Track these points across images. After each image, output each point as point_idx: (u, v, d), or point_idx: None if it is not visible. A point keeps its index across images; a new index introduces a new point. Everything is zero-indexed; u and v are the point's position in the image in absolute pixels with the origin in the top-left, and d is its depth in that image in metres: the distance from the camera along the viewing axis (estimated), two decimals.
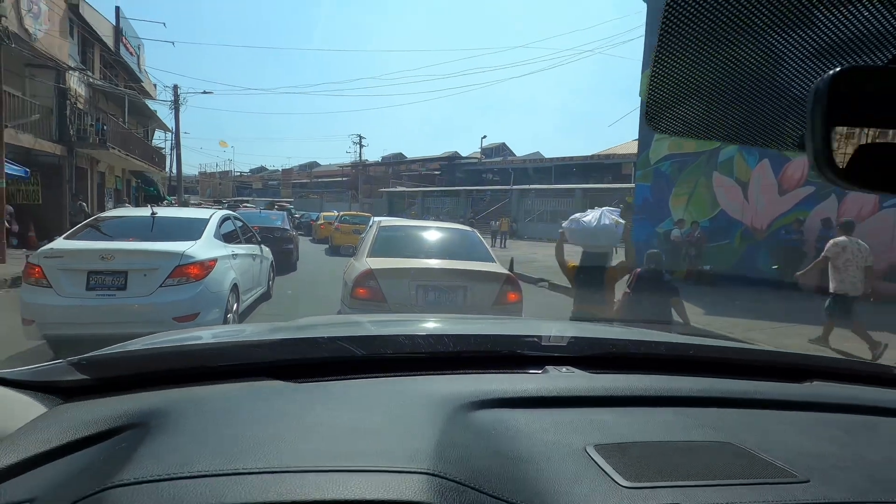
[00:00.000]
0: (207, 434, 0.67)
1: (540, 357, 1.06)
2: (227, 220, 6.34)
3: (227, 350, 1.09)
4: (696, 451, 0.71)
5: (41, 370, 0.88)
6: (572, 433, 0.73)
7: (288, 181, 67.18)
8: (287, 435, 0.68)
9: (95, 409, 0.77)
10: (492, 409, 0.79)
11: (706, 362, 1.11)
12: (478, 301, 4.37)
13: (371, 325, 1.59)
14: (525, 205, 31.44)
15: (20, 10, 12.46)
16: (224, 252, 5.48)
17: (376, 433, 0.69)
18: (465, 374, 0.96)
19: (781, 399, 0.91)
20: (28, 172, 12.77)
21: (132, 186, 24.87)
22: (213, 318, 4.90)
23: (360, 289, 4.31)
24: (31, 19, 13.03)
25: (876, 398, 0.99)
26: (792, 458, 0.69)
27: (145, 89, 23.48)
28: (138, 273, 4.58)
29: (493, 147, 47.43)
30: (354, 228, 15.76)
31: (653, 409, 0.84)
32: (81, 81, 17.06)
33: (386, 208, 37.83)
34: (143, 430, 0.69)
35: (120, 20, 19.52)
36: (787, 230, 10.68)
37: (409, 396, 0.82)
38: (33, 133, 13.46)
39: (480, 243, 5.38)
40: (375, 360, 1.01)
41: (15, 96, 12.76)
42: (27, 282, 4.57)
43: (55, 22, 14.61)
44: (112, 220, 5.74)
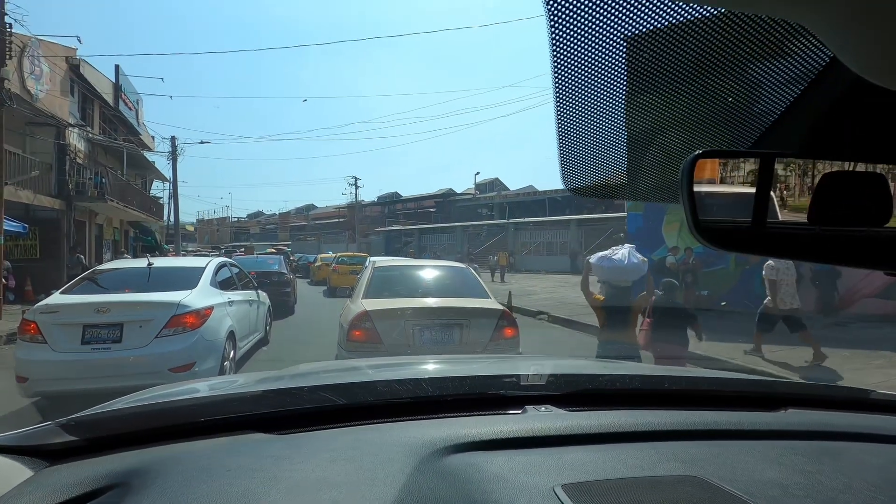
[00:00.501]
0: (182, 493, 0.69)
1: (520, 397, 1.08)
2: (224, 268, 6.38)
3: (208, 405, 1.11)
4: (661, 485, 0.73)
5: (29, 434, 0.90)
6: (542, 474, 0.75)
7: (285, 224, 67.72)
8: (256, 490, 0.69)
9: (79, 471, 0.78)
10: (467, 453, 0.81)
11: (680, 395, 1.13)
12: (474, 338, 4.36)
13: (359, 371, 1.60)
14: (521, 238, 31.66)
15: (23, 73, 12.90)
16: (220, 300, 5.49)
17: (344, 484, 0.71)
18: (445, 418, 0.97)
19: (752, 429, 0.93)
20: (26, 228, 12.89)
21: (130, 237, 25.02)
22: (210, 367, 4.86)
23: (356, 331, 4.30)
24: (32, 81, 13.47)
25: (851, 423, 1.01)
26: (755, 488, 0.71)
27: (143, 142, 24.01)
28: (134, 325, 4.57)
29: (487, 182, 48.17)
30: (352, 269, 15.78)
31: (624, 444, 0.86)
32: (81, 137, 17.46)
33: (383, 248, 38.04)
34: (125, 489, 0.71)
35: (119, 77, 20.16)
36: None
37: (384, 445, 0.84)
38: (32, 189, 13.66)
39: (475, 280, 5.42)
40: (356, 408, 1.03)
41: (15, 154, 13.03)
42: (22, 338, 4.56)
43: (56, 82, 15.09)
44: (109, 273, 5.77)
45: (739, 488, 0.71)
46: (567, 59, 0.59)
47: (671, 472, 0.77)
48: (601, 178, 0.78)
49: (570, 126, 0.68)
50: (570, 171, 0.75)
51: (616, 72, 0.62)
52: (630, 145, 0.73)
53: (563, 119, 0.67)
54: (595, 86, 0.63)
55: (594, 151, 0.73)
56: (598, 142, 0.71)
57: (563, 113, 0.66)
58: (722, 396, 1.13)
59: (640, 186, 0.83)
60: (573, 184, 0.78)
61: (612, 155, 0.74)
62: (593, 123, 0.68)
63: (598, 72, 0.61)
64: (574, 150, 0.72)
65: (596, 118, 0.68)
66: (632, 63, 0.62)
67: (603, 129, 0.69)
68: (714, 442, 0.88)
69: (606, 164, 0.75)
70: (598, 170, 0.76)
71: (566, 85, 0.62)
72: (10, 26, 10.82)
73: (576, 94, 0.64)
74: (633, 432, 0.90)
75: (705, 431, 0.91)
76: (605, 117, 0.68)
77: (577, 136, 0.70)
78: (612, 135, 0.70)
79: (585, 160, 0.74)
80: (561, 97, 0.64)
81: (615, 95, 0.65)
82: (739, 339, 7.85)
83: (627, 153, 0.74)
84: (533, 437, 0.86)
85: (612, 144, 0.72)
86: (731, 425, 0.93)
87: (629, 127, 0.70)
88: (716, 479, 0.73)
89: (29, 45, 13.12)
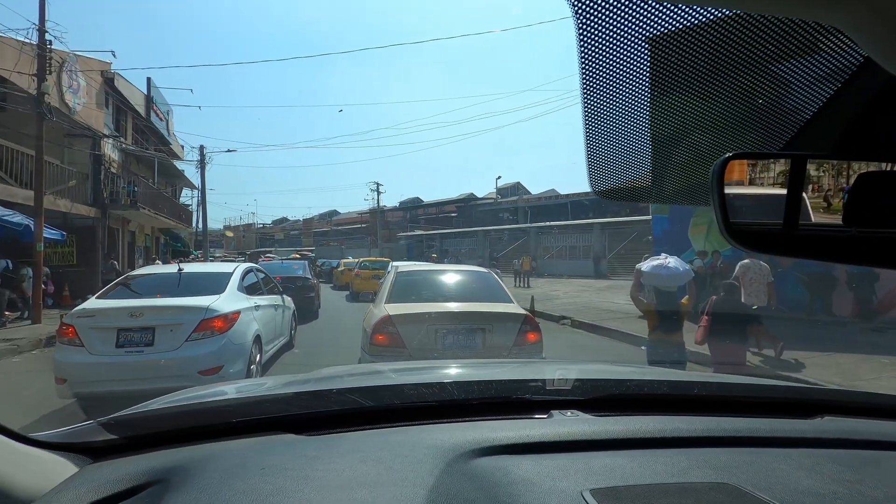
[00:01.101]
0: (219, 489, 0.72)
1: (546, 401, 1.08)
2: (250, 273, 6.52)
3: (241, 406, 1.14)
4: (691, 492, 0.71)
5: (73, 432, 0.94)
6: (571, 478, 0.74)
7: (309, 230, 68.72)
8: (290, 487, 0.71)
9: (121, 468, 0.82)
10: (494, 457, 0.81)
11: (711, 401, 1.11)
12: (497, 342, 4.34)
13: (385, 374, 1.62)
14: (543, 242, 31.40)
15: (61, 87, 13.48)
16: (247, 304, 5.61)
17: (374, 484, 0.72)
18: (471, 422, 0.98)
19: (787, 436, 0.91)
20: (64, 235, 13.41)
21: (161, 243, 25.77)
22: (237, 370, 4.97)
23: (379, 335, 4.32)
24: (70, 95, 14.06)
25: (889, 432, 0.97)
26: (791, 497, 0.69)
27: (174, 151, 24.76)
28: (165, 328, 4.71)
29: (509, 186, 47.98)
30: (374, 274, 15.87)
31: (654, 450, 0.85)
32: (115, 147, 18.12)
33: (405, 252, 38.21)
34: (165, 486, 0.74)
35: (151, 89, 20.87)
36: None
37: (413, 447, 0.85)
38: (70, 198, 14.23)
39: (497, 284, 5.39)
40: (383, 410, 1.04)
41: (54, 165, 13.61)
42: (60, 341, 4.74)
43: (92, 95, 15.72)
44: (141, 278, 5.97)
45: (775, 497, 0.69)
46: (594, 61, 0.59)
47: (703, 479, 0.76)
48: (628, 180, 0.78)
49: (598, 129, 0.68)
50: (597, 174, 0.75)
51: (642, 73, 0.62)
52: (657, 147, 0.73)
53: (590, 122, 0.67)
54: (622, 88, 0.63)
55: (622, 154, 0.73)
56: (626, 144, 0.71)
57: (591, 116, 0.67)
58: (754, 403, 1.10)
59: (667, 189, 0.82)
60: (600, 187, 0.78)
61: (639, 157, 0.73)
62: (620, 126, 0.68)
63: (624, 73, 0.61)
64: (601, 153, 0.72)
65: (623, 120, 0.68)
66: (657, 64, 0.62)
67: (630, 131, 0.69)
68: (747, 449, 0.86)
69: (634, 167, 0.75)
70: (625, 173, 0.76)
71: (593, 87, 0.62)
72: (51, 43, 11.33)
73: (603, 97, 0.64)
74: (662, 438, 0.88)
75: (737, 438, 0.89)
76: (632, 119, 0.67)
77: (605, 138, 0.70)
78: (639, 137, 0.70)
79: (613, 163, 0.74)
80: (588, 100, 0.64)
81: (641, 97, 0.65)
82: (769, 344, 7.60)
83: (655, 155, 0.74)
84: (560, 442, 0.86)
85: (640, 147, 0.72)
86: (764, 432, 0.91)
87: (656, 129, 0.70)
88: (749, 486, 0.72)
89: (67, 61, 13.71)
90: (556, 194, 41.70)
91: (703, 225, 12.35)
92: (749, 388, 1.27)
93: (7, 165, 12.11)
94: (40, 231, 11.01)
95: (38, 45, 11.08)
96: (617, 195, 0.81)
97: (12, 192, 11.56)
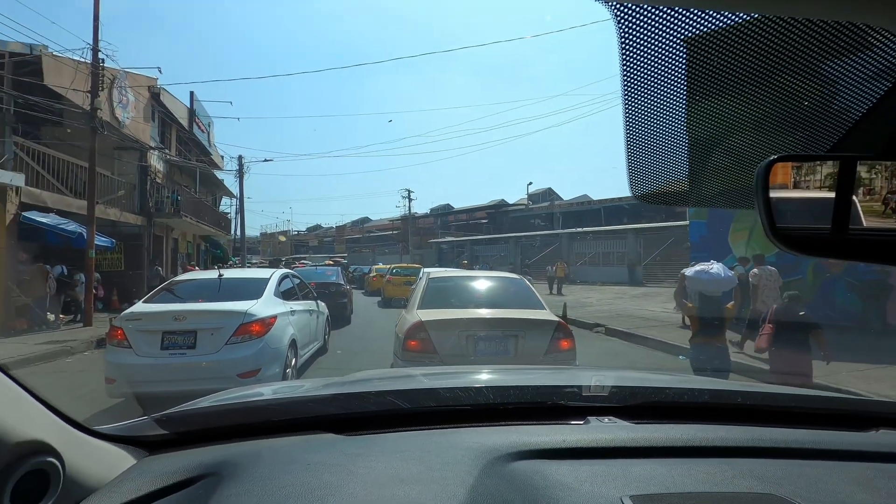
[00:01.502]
0: (269, 482, 0.75)
1: (582, 407, 1.07)
2: (286, 278, 6.70)
3: (284, 405, 1.18)
4: (737, 501, 0.70)
5: (130, 426, 1.00)
6: (610, 484, 0.74)
7: (341, 237, 69.94)
8: (336, 482, 0.74)
9: (175, 461, 0.87)
10: (531, 461, 0.81)
11: (755, 411, 1.07)
12: (530, 349, 4.30)
13: (418, 378, 1.64)
14: (576, 248, 30.92)
15: (112, 103, 14.26)
16: (283, 309, 5.76)
17: (416, 482, 0.74)
18: (507, 426, 0.98)
19: (838, 449, 0.87)
20: (113, 242, 14.13)
21: (201, 250, 26.77)
22: (273, 374, 5.10)
23: (412, 341, 4.35)
24: (120, 109, 14.86)
25: None
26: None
27: (214, 161, 25.74)
28: (206, 332, 4.89)
29: (540, 192, 47.57)
30: (406, 280, 16.00)
31: (695, 459, 0.83)
32: (160, 159, 19.00)
33: (435, 259, 38.36)
34: (217, 478, 0.78)
35: (193, 102, 21.82)
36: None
37: (451, 448, 0.86)
38: (119, 207, 15.00)
39: (530, 291, 5.35)
40: (420, 412, 1.06)
41: (105, 176, 14.38)
42: (110, 343, 4.99)
43: (140, 110, 16.57)
44: (184, 283, 6.22)
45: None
46: (634, 65, 0.59)
47: (748, 489, 0.74)
48: (669, 184, 0.77)
49: (638, 132, 0.68)
50: (637, 177, 0.75)
51: (682, 75, 0.62)
52: (699, 150, 0.72)
53: (631, 125, 0.67)
54: (662, 90, 0.63)
55: (662, 157, 0.72)
56: (667, 147, 0.71)
57: (632, 119, 0.67)
58: (803, 413, 1.06)
59: (708, 192, 0.81)
60: (640, 190, 0.77)
61: (680, 161, 0.73)
62: (661, 129, 0.68)
63: (664, 76, 0.61)
64: (641, 156, 0.72)
65: (664, 123, 0.67)
66: (697, 66, 0.62)
67: (671, 134, 0.69)
68: (795, 461, 0.83)
69: (675, 171, 0.74)
70: (666, 176, 0.75)
71: (634, 90, 0.62)
72: (103, 61, 12.01)
73: (643, 100, 0.64)
74: (703, 447, 0.86)
75: (785, 450, 0.86)
76: (672, 122, 0.67)
77: (645, 142, 0.70)
78: (680, 140, 0.70)
79: (653, 167, 0.74)
80: (629, 103, 0.64)
81: (681, 100, 0.64)
82: None
83: (696, 158, 0.73)
84: (597, 448, 0.85)
85: (681, 150, 0.71)
86: (814, 444, 0.88)
87: (697, 131, 0.69)
88: (799, 499, 0.69)
89: (117, 77, 14.50)
90: (588, 200, 41.07)
91: (745, 230, 11.90)
92: (797, 398, 1.22)
93: (63, 177, 12.88)
94: (92, 238, 11.64)
95: (92, 64, 11.77)
96: (657, 199, 0.80)
97: (68, 202, 12.28)
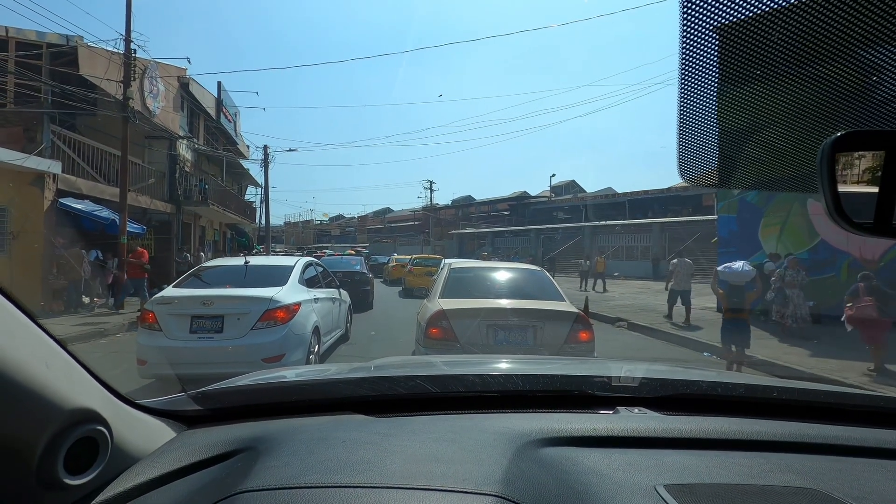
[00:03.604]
0: (308, 456, 0.77)
1: (611, 397, 1.06)
2: (310, 267, 6.80)
3: (317, 386, 1.21)
4: (776, 495, 0.68)
5: (169, 401, 1.04)
6: (642, 473, 0.73)
7: (363, 227, 70.55)
8: (373, 458, 0.76)
9: (213, 435, 0.90)
10: (562, 447, 0.81)
11: (791, 406, 1.04)
12: (548, 340, 4.32)
13: (444, 365, 1.65)
14: (599, 241, 30.50)
15: (143, 93, 14.61)
16: (307, 296, 5.85)
17: (451, 461, 0.75)
18: (536, 413, 0.98)
19: (882, 447, 0.84)
20: (144, 229, 14.56)
21: (227, 238, 27.36)
22: (297, 359, 5.20)
23: (433, 329, 4.40)
24: (151, 99, 15.21)
25: None
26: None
27: (240, 151, 26.19)
28: (233, 317, 5.01)
29: (563, 185, 47.01)
30: (427, 271, 16.03)
31: (728, 452, 0.82)
32: (189, 148, 19.43)
33: (456, 250, 38.36)
34: (255, 452, 0.80)
35: (221, 92, 22.18)
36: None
37: (482, 431, 0.87)
38: (149, 195, 15.43)
39: (550, 282, 5.36)
40: (449, 398, 1.07)
41: (136, 164, 14.80)
42: (142, 326, 5.15)
43: (169, 100, 16.93)
44: (212, 269, 6.37)
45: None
46: (694, 45, 0.58)
47: (785, 483, 0.72)
48: (722, 166, 0.75)
49: (692, 115, 0.67)
50: (686, 160, 0.73)
51: (736, 57, 0.60)
52: (757, 133, 0.70)
53: (685, 107, 0.66)
54: (717, 72, 0.61)
55: (714, 140, 0.70)
56: (721, 130, 0.69)
57: (686, 100, 0.65)
58: (842, 410, 1.03)
59: (769, 175, 0.78)
60: (690, 174, 0.76)
61: (732, 142, 0.71)
62: (716, 111, 0.66)
63: (724, 57, 0.59)
64: (693, 139, 0.70)
65: (719, 105, 0.66)
66: (755, 47, 0.59)
67: (726, 116, 0.67)
68: (834, 457, 0.81)
69: (728, 152, 0.72)
70: (719, 159, 0.73)
71: (690, 70, 0.61)
72: (135, 52, 12.30)
73: (699, 81, 0.63)
74: (738, 440, 0.85)
75: (824, 445, 0.84)
76: (727, 105, 0.65)
77: (698, 124, 0.68)
78: (735, 121, 0.68)
79: (705, 149, 0.72)
80: (685, 83, 0.63)
81: (734, 82, 0.62)
82: (849, 355, 7.02)
83: (750, 140, 0.71)
84: (627, 437, 0.85)
85: (738, 133, 0.69)
86: (854, 441, 0.85)
87: (754, 115, 0.67)
88: (840, 494, 0.68)
89: (148, 67, 14.83)
90: (612, 192, 40.41)
91: (776, 226, 11.55)
92: (836, 395, 1.18)
93: (97, 164, 13.30)
94: (124, 225, 12.02)
95: (125, 55, 12.06)
96: (708, 181, 0.78)
97: (101, 189, 12.69)
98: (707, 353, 7.85)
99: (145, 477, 0.77)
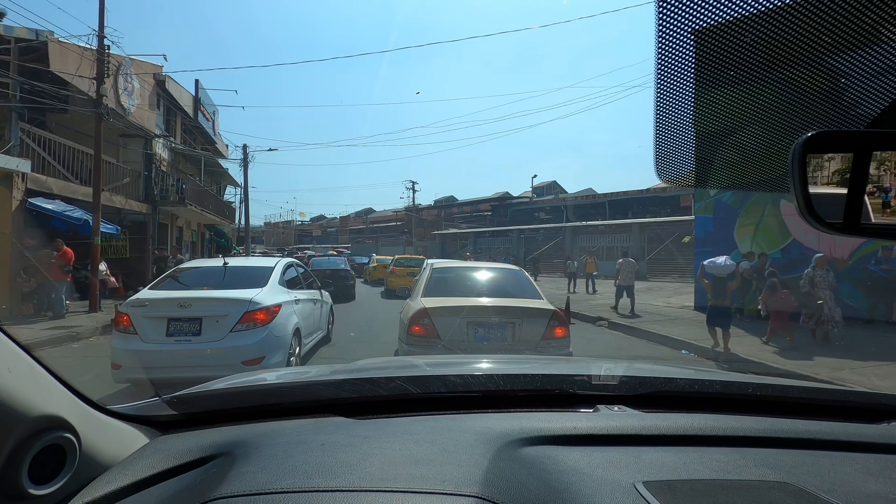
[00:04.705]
0: (285, 460, 0.76)
1: (591, 396, 1.07)
2: (291, 268, 6.71)
3: (295, 389, 1.19)
4: (750, 489, 0.70)
5: (142, 406, 1.01)
6: (622, 470, 0.74)
7: (345, 228, 69.97)
8: (352, 461, 0.75)
9: (187, 440, 0.88)
10: (542, 446, 0.82)
11: (766, 402, 1.07)
12: (526, 336, 4.45)
13: (424, 367, 1.64)
14: (579, 242, 30.82)
15: (118, 90, 14.25)
16: (288, 298, 5.78)
17: (431, 462, 0.75)
18: (517, 413, 0.99)
19: (851, 440, 0.87)
20: (119, 230, 14.18)
21: (206, 238, 26.85)
22: (278, 361, 5.13)
23: (416, 326, 4.47)
24: (125, 97, 14.84)
25: None
26: (857, 500, 0.67)
27: (219, 150, 25.74)
28: (211, 319, 4.92)
29: (544, 185, 47.41)
30: (409, 272, 15.95)
31: (706, 448, 0.83)
32: (165, 147, 19.01)
33: (439, 250, 38.37)
34: (230, 457, 0.79)
35: (198, 90, 21.76)
36: (876, 260, 9.79)
37: (462, 432, 0.86)
38: (124, 194, 15.05)
39: (528, 281, 5.52)
40: (430, 398, 1.06)
41: (110, 163, 14.41)
42: (117, 329, 5.02)
43: (145, 97, 16.55)
44: (189, 271, 6.24)
45: (840, 499, 0.67)
46: (669, 47, 0.59)
47: (761, 477, 0.74)
48: (699, 167, 0.77)
49: (668, 115, 0.68)
50: (663, 160, 0.74)
51: (710, 60, 0.61)
52: (730, 134, 0.71)
53: (661, 107, 0.67)
54: (692, 75, 0.62)
55: (692, 141, 0.72)
56: (699, 130, 0.70)
57: (662, 101, 0.66)
58: (814, 406, 1.05)
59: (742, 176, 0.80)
60: (667, 175, 0.77)
61: (707, 144, 0.72)
62: (692, 113, 0.67)
63: (698, 60, 0.60)
64: (668, 139, 0.72)
65: (695, 107, 0.67)
66: (727, 51, 0.61)
67: (702, 117, 0.68)
68: (807, 451, 0.83)
69: (706, 153, 0.74)
70: (695, 159, 0.75)
71: (667, 74, 0.61)
72: (108, 48, 11.98)
73: (675, 84, 0.63)
74: (714, 436, 0.87)
75: (797, 440, 0.86)
76: (702, 107, 0.66)
77: (675, 126, 0.69)
78: (710, 123, 0.69)
79: (682, 150, 0.73)
80: (662, 87, 0.64)
81: (709, 84, 0.64)
82: (822, 353, 7.23)
83: (728, 142, 0.72)
84: (607, 436, 0.86)
85: (712, 133, 0.70)
86: (825, 435, 0.88)
87: (728, 117, 0.68)
88: (812, 488, 0.70)
89: (123, 64, 14.47)
90: (593, 193, 40.92)
91: (751, 226, 11.85)
92: (809, 390, 1.22)
93: (69, 163, 12.91)
94: (97, 225, 11.68)
95: (98, 51, 11.74)
96: (685, 181, 0.79)
97: (73, 188, 12.32)
98: (685, 351, 8.01)
99: (116, 485, 0.74)
